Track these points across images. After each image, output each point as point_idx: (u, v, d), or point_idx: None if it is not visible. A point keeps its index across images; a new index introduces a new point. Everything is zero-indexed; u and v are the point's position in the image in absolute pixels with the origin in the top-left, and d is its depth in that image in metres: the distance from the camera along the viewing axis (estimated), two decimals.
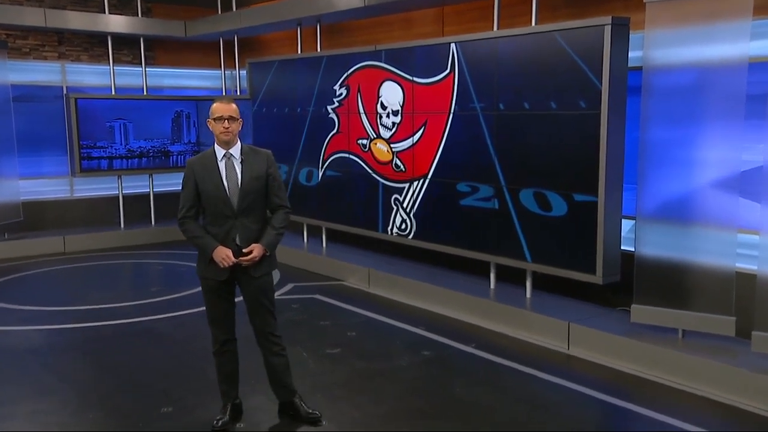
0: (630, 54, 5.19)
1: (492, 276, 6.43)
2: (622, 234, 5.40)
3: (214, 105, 3.81)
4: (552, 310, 5.73)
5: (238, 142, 3.90)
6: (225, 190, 3.80)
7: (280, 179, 3.97)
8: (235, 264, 3.80)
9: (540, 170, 5.64)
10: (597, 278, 5.30)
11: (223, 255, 3.77)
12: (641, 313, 5.10)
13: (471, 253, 6.35)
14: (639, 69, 5.06)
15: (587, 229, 5.32)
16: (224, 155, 3.85)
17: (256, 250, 3.81)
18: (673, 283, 4.92)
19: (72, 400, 4.48)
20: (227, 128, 3.77)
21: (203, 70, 11.08)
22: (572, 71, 5.31)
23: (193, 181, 3.84)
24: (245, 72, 9.58)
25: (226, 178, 3.82)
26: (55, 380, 4.82)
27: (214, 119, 3.79)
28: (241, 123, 3.87)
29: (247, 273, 3.86)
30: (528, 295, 6.10)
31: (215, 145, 3.87)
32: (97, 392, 4.61)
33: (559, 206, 5.52)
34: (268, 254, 3.88)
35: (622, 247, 5.38)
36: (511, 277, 6.48)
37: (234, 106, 3.83)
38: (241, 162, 3.85)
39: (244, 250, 3.79)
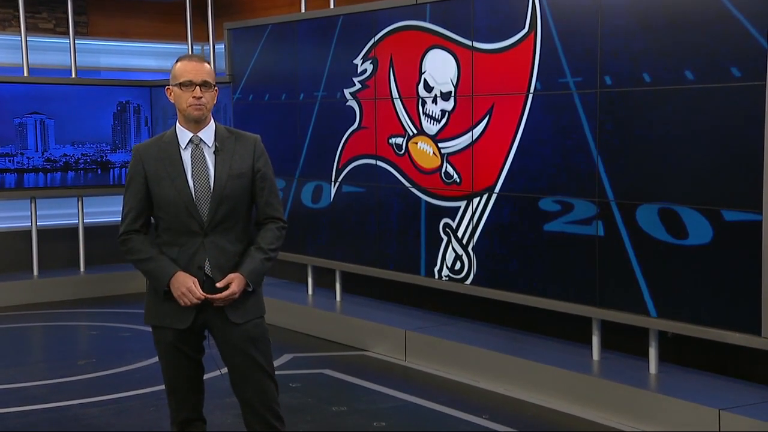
0: None
1: (595, 340, 6.40)
2: None
3: (179, 65, 3.94)
4: (692, 391, 5.69)
5: (212, 121, 3.99)
6: (191, 193, 3.87)
7: (273, 178, 4.07)
8: (204, 303, 3.81)
9: (668, 175, 5.65)
10: (762, 342, 5.24)
11: (185, 287, 3.80)
12: None
13: (561, 304, 6.35)
14: None
15: (745, 265, 5.28)
16: (190, 141, 3.94)
17: (234, 283, 3.85)
18: None
19: None
20: (199, 99, 3.86)
21: (160, 44, 11.22)
22: (719, 23, 5.31)
23: (143, 179, 3.92)
24: (223, 45, 9.64)
25: (193, 175, 3.89)
26: None
27: (180, 85, 3.88)
28: (217, 92, 3.98)
29: (223, 317, 3.87)
30: (653, 369, 6.05)
31: (177, 125, 4.00)
32: None
33: (699, 230, 5.51)
34: (251, 290, 3.91)
35: None
36: (625, 342, 6.45)
37: (208, 66, 3.98)
38: (215, 151, 3.92)
39: (217, 284, 3.82)
